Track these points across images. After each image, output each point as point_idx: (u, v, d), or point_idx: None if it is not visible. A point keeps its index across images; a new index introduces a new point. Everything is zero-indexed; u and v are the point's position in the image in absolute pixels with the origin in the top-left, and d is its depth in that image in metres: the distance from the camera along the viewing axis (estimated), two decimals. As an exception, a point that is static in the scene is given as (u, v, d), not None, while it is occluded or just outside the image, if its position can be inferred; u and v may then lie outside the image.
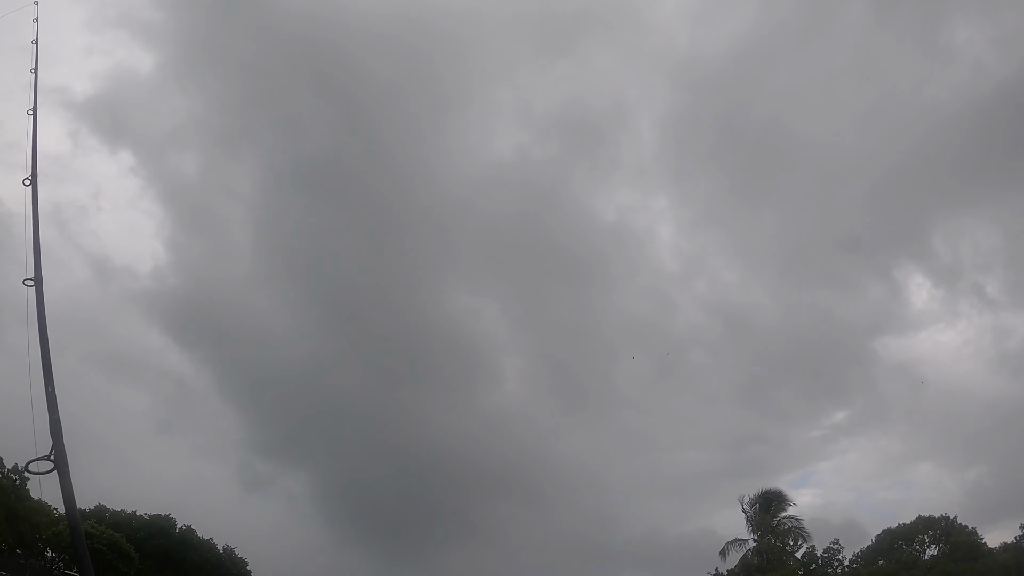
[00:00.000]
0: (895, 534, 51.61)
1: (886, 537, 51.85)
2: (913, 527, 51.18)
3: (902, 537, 51.06)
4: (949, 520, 49.99)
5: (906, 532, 51.17)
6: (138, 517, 62.15)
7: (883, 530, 52.85)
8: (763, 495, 51.34)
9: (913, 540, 50.81)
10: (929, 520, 50.74)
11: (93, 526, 51.97)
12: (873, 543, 52.43)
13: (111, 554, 49.28)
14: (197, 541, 62.83)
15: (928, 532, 50.55)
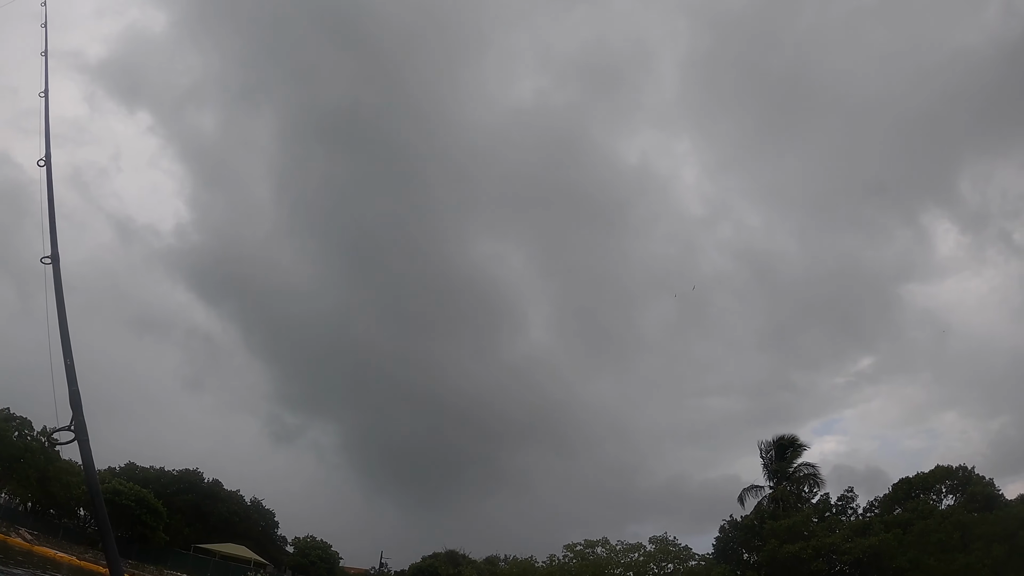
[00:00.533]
0: (912, 483, 51.21)
1: (903, 485, 51.52)
2: (931, 476, 50.70)
3: (920, 486, 50.66)
4: (967, 470, 49.45)
5: (924, 481, 50.76)
6: (167, 473, 64.43)
7: (900, 478, 52.54)
8: (778, 441, 51.18)
9: (931, 489, 50.45)
10: (947, 470, 50.20)
11: (122, 483, 54.10)
12: (890, 491, 52.20)
13: (139, 509, 51.36)
14: (224, 494, 65.14)
15: (946, 481, 50.09)
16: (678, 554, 40.06)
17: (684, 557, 40.18)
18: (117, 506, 49.55)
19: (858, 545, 37.21)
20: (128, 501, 50.04)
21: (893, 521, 46.72)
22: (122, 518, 50.37)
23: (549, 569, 41.24)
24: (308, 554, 70.75)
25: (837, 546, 37.34)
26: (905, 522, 45.14)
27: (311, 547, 71.58)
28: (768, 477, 50.37)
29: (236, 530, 62.04)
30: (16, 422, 50.00)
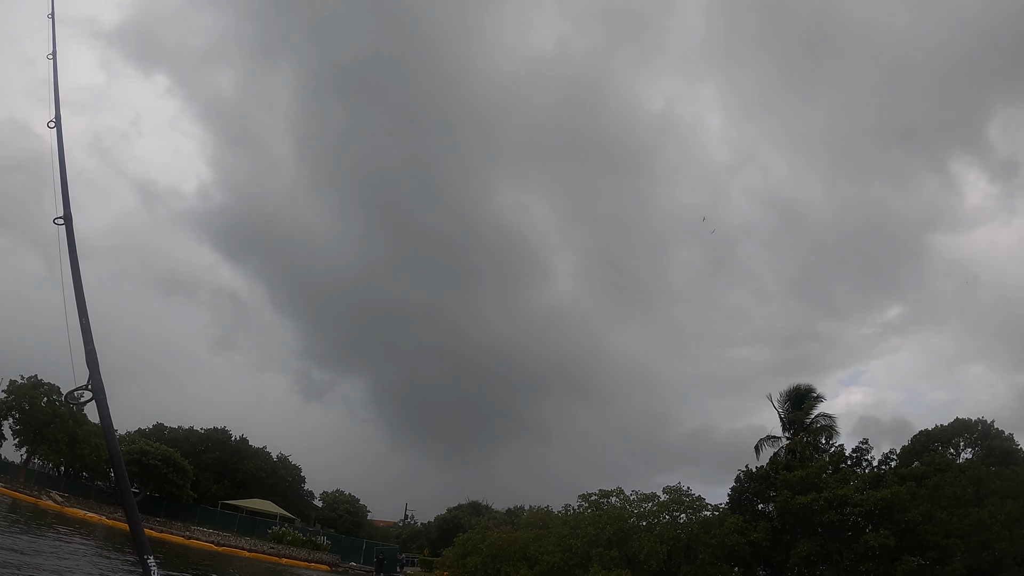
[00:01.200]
0: (932, 435, 51.10)
1: (921, 438, 51.42)
2: (950, 429, 50.56)
3: (939, 439, 50.53)
4: (987, 424, 49.19)
5: (943, 434, 50.60)
6: (195, 432, 66.13)
7: (919, 431, 52.40)
8: (794, 391, 51.03)
9: (949, 443, 50.28)
10: (966, 423, 50.00)
11: (148, 443, 55.65)
12: (908, 444, 52.10)
13: (166, 468, 52.87)
14: (251, 451, 66.77)
15: (964, 435, 49.89)
16: (691, 504, 40.45)
17: (697, 507, 40.60)
18: (144, 466, 51.19)
19: (870, 497, 37.22)
20: (155, 461, 51.54)
21: (908, 474, 46.72)
22: (149, 477, 52.07)
23: (564, 518, 41.97)
24: (336, 508, 72.66)
25: (849, 498, 37.38)
26: (921, 475, 45.15)
27: (339, 501, 73.46)
28: (784, 428, 50.45)
29: (263, 486, 63.74)
30: (44, 388, 51.51)
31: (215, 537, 47.44)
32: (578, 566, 37.64)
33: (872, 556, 35.57)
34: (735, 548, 38.54)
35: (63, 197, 4.32)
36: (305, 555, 48.23)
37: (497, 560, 39.54)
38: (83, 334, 3.69)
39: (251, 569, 36.67)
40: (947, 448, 50.12)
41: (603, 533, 37.93)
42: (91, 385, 3.47)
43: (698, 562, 37.17)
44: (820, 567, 37.68)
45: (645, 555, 36.43)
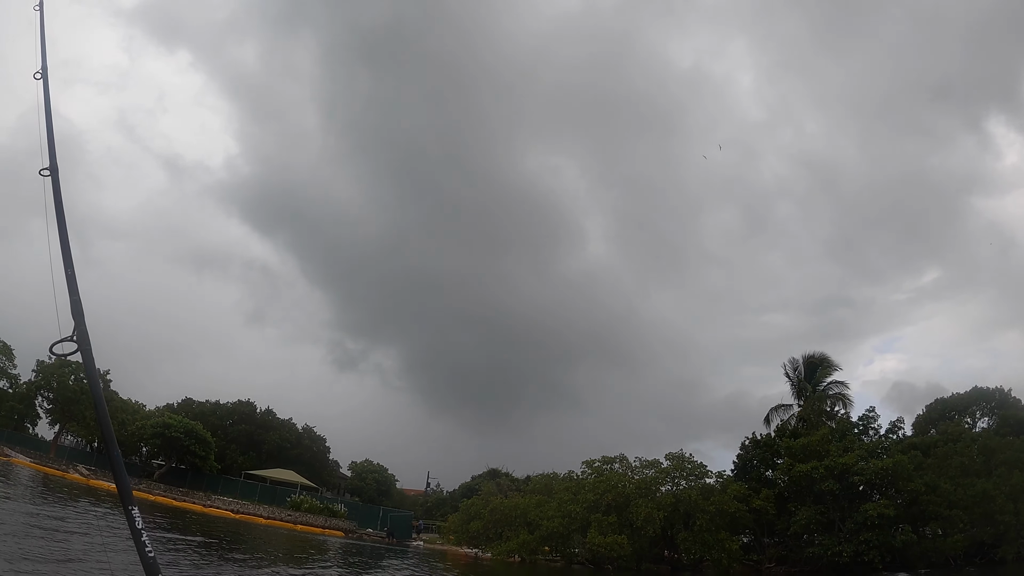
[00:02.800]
0: (948, 404, 50.62)
1: (937, 406, 50.94)
2: (967, 398, 50.00)
3: (955, 407, 50.02)
4: (1004, 392, 48.58)
5: (959, 403, 50.05)
6: (222, 406, 68.04)
7: (935, 399, 51.88)
8: (808, 359, 50.78)
9: (965, 411, 49.71)
10: (983, 392, 49.43)
11: (171, 417, 57.58)
12: (924, 412, 51.62)
13: (188, 440, 54.66)
14: (277, 423, 68.51)
15: (981, 404, 49.29)
16: (693, 471, 40.64)
17: (699, 474, 40.78)
18: (168, 439, 53.13)
19: (871, 466, 37.06)
20: (177, 433, 53.36)
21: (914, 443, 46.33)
22: (173, 449, 54.00)
23: (567, 484, 42.53)
24: (364, 477, 74.36)
25: (850, 466, 37.23)
26: (931, 444, 44.72)
27: (367, 471, 75.13)
28: (796, 396, 50.30)
29: (288, 456, 65.45)
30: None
31: (234, 505, 49.07)
32: (577, 531, 38.26)
33: (871, 526, 35.45)
34: (737, 515, 38.77)
35: (49, 149, 4.38)
36: (322, 522, 49.55)
37: (499, 525, 40.36)
38: (68, 284, 3.65)
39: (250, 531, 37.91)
40: (963, 417, 49.58)
41: (602, 499, 38.44)
42: (76, 336, 3.46)
43: (695, 528, 37.48)
44: (819, 536, 37.65)
45: (642, 521, 36.87)
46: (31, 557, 13.99)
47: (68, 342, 3.42)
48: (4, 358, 54.45)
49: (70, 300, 3.58)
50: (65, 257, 3.75)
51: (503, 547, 39.13)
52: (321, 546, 36.82)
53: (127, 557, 14.00)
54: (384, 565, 31.04)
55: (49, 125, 4.57)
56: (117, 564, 14.57)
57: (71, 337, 3.43)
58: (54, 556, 14.19)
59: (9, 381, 55.34)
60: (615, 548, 36.26)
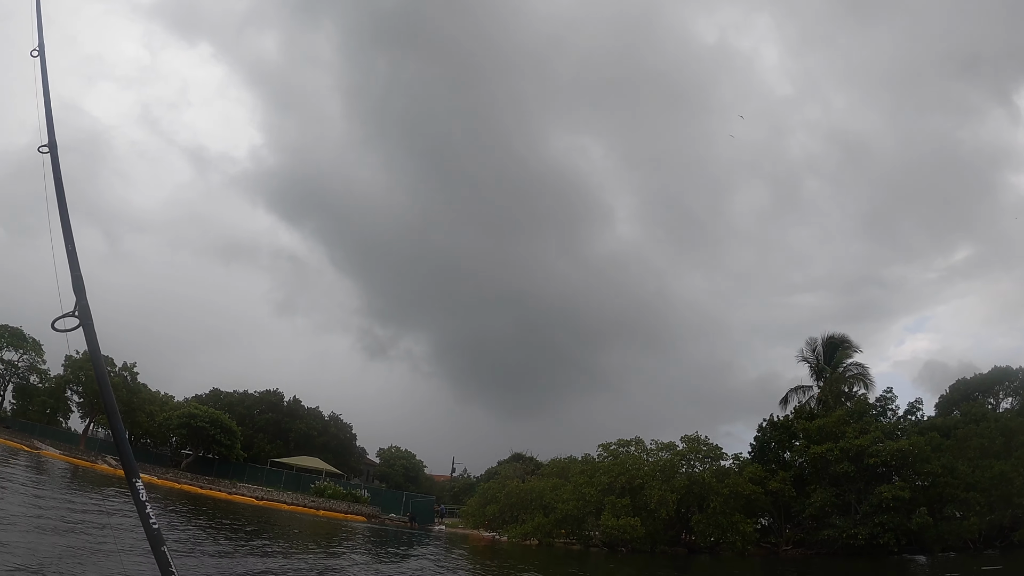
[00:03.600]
0: (970, 384, 50.05)
1: (960, 387, 50.39)
2: (989, 378, 49.45)
3: (978, 388, 49.44)
4: (1026, 372, 47.93)
5: (982, 383, 49.49)
6: (249, 395, 69.20)
7: (958, 379, 51.32)
8: (827, 340, 50.47)
9: (990, 392, 49.17)
10: (1006, 371, 48.81)
11: (197, 407, 58.83)
12: (947, 393, 51.10)
13: (214, 429, 55.79)
14: (303, 411, 69.51)
15: (1004, 384, 48.72)
16: (708, 453, 40.71)
17: (715, 456, 40.86)
18: (193, 428, 54.38)
19: (887, 448, 36.84)
20: (202, 423, 54.53)
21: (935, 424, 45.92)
22: (199, 439, 55.23)
23: (582, 467, 42.83)
24: (393, 464, 75.38)
25: (865, 448, 37.05)
26: (952, 426, 44.31)
27: (395, 457, 76.11)
28: (814, 377, 50.05)
29: (315, 444, 66.47)
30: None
31: (258, 492, 50.11)
32: (591, 514, 38.59)
33: (886, 508, 35.28)
34: (752, 498, 38.81)
35: (47, 125, 4.30)
36: (344, 507, 50.41)
37: (515, 509, 40.83)
38: (69, 259, 3.64)
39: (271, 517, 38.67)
40: (987, 398, 49.06)
41: (616, 482, 38.71)
42: (78, 311, 3.43)
43: (709, 511, 37.62)
44: (835, 518, 37.57)
45: (655, 503, 37.10)
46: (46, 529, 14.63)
47: (70, 317, 3.40)
48: (34, 354, 56.12)
49: (71, 276, 3.57)
50: (65, 232, 3.75)
51: (518, 530, 39.61)
52: (337, 530, 37.59)
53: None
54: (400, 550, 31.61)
55: (47, 102, 4.53)
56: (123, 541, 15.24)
57: (72, 312, 3.41)
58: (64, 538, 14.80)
59: (39, 376, 56.96)
60: (628, 530, 36.54)
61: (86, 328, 3.40)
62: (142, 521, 2.88)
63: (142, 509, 2.91)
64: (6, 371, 57.43)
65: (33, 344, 55.97)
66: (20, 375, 56.86)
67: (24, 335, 55.70)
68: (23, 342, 55.43)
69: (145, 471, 50.17)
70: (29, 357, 56.28)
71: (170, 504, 33.71)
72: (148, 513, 2.90)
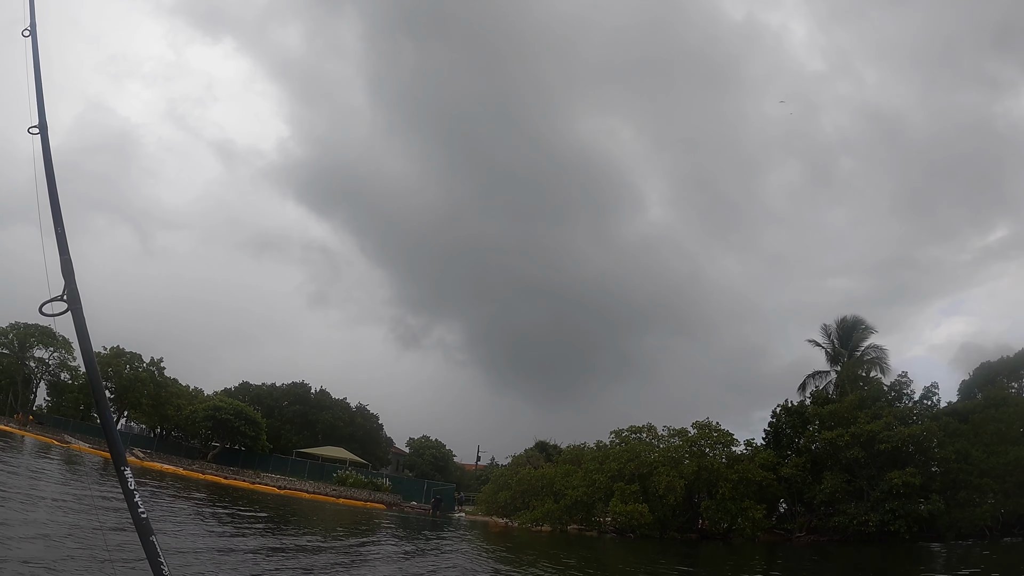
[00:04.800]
0: (994, 368, 49.04)
1: (983, 371, 49.43)
2: (1014, 361, 48.38)
3: (1002, 371, 48.47)
4: (1053, 355, 46.83)
5: (1007, 366, 48.49)
6: (277, 388, 70.48)
7: (981, 363, 50.35)
8: (842, 323, 49.94)
9: (1015, 375, 48.17)
10: (1030, 354, 47.71)
11: (222, 399, 60.27)
12: (970, 377, 50.18)
13: (238, 421, 57.06)
14: (330, 402, 70.50)
15: (1029, 366, 47.64)
16: (720, 439, 40.65)
17: (727, 443, 40.77)
18: (218, 421, 55.74)
19: (898, 433, 36.48)
20: (227, 415, 55.80)
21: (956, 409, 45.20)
22: (224, 430, 56.60)
23: (594, 454, 43.05)
24: (423, 453, 76.36)
25: (876, 434, 36.74)
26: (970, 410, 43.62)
27: (425, 447, 77.04)
28: (830, 361, 49.57)
29: (342, 434, 67.47)
30: (127, 357, 56.94)
31: (281, 482, 51.15)
32: (601, 500, 38.85)
33: (897, 495, 34.97)
34: (764, 484, 38.75)
35: (38, 107, 4.16)
36: (365, 496, 51.17)
37: (526, 495, 41.25)
38: (58, 243, 3.55)
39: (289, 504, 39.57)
40: (1011, 381, 48.09)
41: (625, 468, 38.89)
42: (66, 295, 3.34)
43: (718, 497, 37.67)
44: (845, 504, 37.34)
45: (663, 489, 37.23)
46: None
47: (58, 301, 3.28)
48: (64, 351, 57.95)
49: (60, 260, 3.46)
50: (55, 214, 3.66)
51: (528, 516, 40.05)
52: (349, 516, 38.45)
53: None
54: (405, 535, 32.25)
55: (39, 83, 4.33)
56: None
57: (61, 296, 3.29)
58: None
59: (70, 373, 58.80)
60: (636, 516, 36.74)
61: (75, 312, 3.28)
62: (130, 509, 2.81)
63: (130, 498, 2.84)
64: (37, 369, 59.47)
65: (63, 342, 57.67)
66: (51, 373, 58.77)
67: (54, 334, 57.34)
68: (53, 340, 57.15)
69: (172, 463, 51.76)
70: (60, 355, 58.14)
71: (189, 492, 34.85)
72: (136, 502, 2.82)
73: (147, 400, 56.25)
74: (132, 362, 56.48)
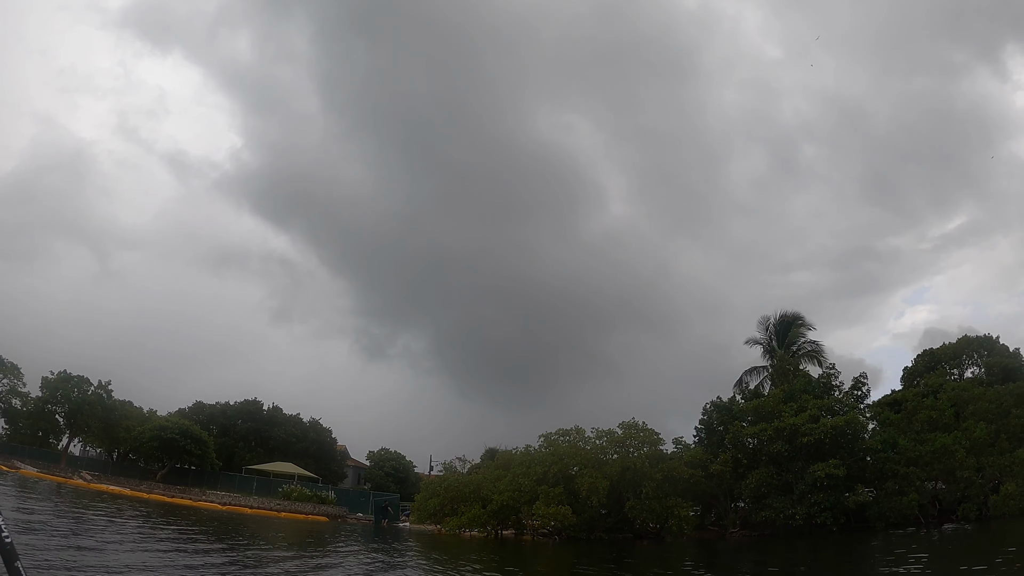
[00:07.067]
0: (936, 355, 48.87)
1: (925, 357, 49.24)
2: (956, 347, 48.24)
3: (943, 357, 48.31)
4: (992, 340, 46.70)
5: (948, 352, 48.34)
6: (230, 406, 70.00)
7: (924, 350, 50.14)
8: (781, 320, 49.79)
9: (955, 361, 48.02)
10: (972, 340, 47.59)
11: (167, 419, 60.01)
12: (912, 364, 49.95)
13: (184, 440, 56.73)
14: (282, 418, 70.06)
15: (971, 352, 47.51)
16: (646, 438, 40.25)
17: (653, 442, 40.37)
18: (164, 440, 55.53)
19: (821, 426, 36.19)
20: (172, 434, 55.60)
21: (894, 399, 45.07)
22: (171, 450, 56.35)
23: (523, 458, 42.72)
24: (383, 466, 76.07)
25: (799, 427, 36.46)
26: (904, 399, 43.48)
27: (385, 459, 76.78)
28: (767, 358, 49.35)
29: (295, 450, 67.12)
30: (74, 380, 56.73)
31: (226, 499, 50.96)
32: (526, 503, 38.52)
33: (821, 487, 34.70)
34: (692, 481, 38.44)
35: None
36: (309, 509, 50.87)
37: (455, 502, 40.94)
38: None
39: (224, 519, 38.98)
40: (952, 368, 47.97)
41: (550, 471, 38.65)
42: None
43: (643, 496, 37.35)
44: (770, 499, 37.06)
45: (587, 491, 36.95)
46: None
47: None
48: (13, 377, 57.71)
49: None
50: None
51: (455, 522, 39.78)
52: (281, 528, 38.22)
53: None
54: (320, 545, 31.99)
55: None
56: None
57: None
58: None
59: (21, 399, 58.53)
60: (560, 519, 36.47)
61: None
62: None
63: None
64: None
65: (11, 368, 57.55)
66: (2, 399, 58.52)
67: (2, 359, 57.34)
68: (1, 366, 57.02)
69: (121, 484, 51.46)
70: (9, 381, 57.86)
71: (124, 510, 34.54)
72: (0, 526, 2.44)
73: (96, 423, 56.02)
74: (80, 385, 56.26)
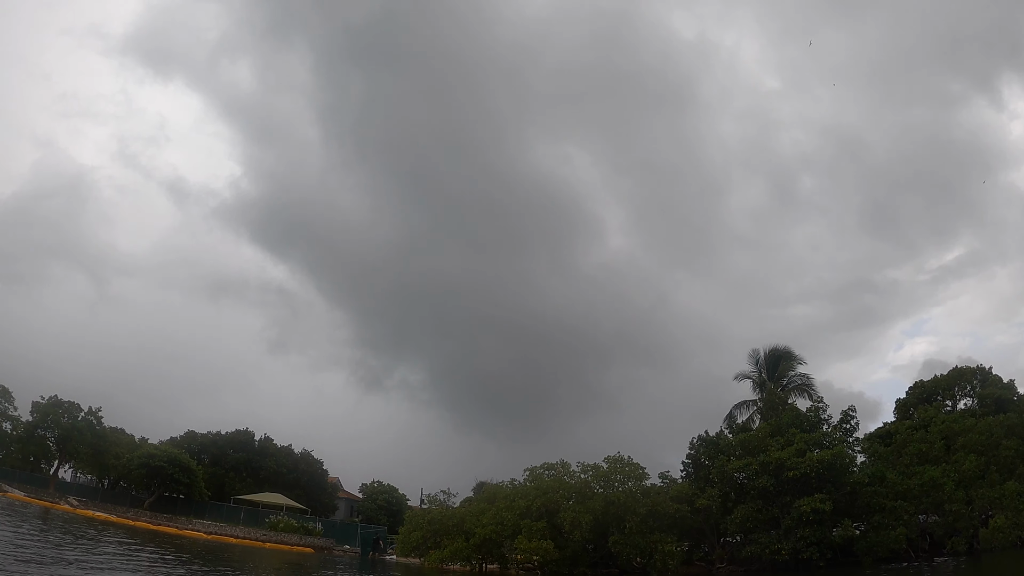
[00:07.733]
0: (928, 387, 48.34)
1: (917, 390, 48.70)
2: (948, 379, 47.71)
3: (935, 389, 47.78)
4: (985, 371, 46.16)
5: (941, 384, 47.80)
6: (222, 436, 69.78)
7: (915, 382, 49.61)
8: (771, 353, 49.40)
9: (949, 393, 47.48)
10: (963, 371, 47.07)
11: (155, 448, 59.89)
12: (905, 396, 49.42)
13: (171, 469, 56.37)
14: (274, 449, 69.64)
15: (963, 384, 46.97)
16: (631, 473, 39.77)
17: (638, 476, 39.88)
18: (152, 468, 55.23)
19: (807, 460, 35.72)
20: (160, 463, 55.31)
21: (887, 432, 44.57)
22: (159, 478, 56.00)
23: (508, 491, 42.29)
24: (376, 498, 75.37)
25: (785, 461, 36.00)
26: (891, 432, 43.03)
27: (378, 492, 76.11)
28: (757, 390, 48.94)
29: (285, 481, 66.65)
30: (65, 406, 56.62)
31: (212, 528, 50.49)
32: (509, 537, 38.03)
33: (807, 522, 34.20)
34: (678, 516, 37.96)
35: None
36: (295, 540, 50.23)
37: (437, 535, 40.45)
38: None
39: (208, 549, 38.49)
40: (945, 400, 47.43)
41: (533, 505, 38.18)
42: None
43: (627, 531, 36.83)
44: (756, 534, 36.53)
45: (569, 525, 36.48)
46: None
47: None
48: (4, 401, 57.69)
49: None
50: None
51: (436, 555, 39.32)
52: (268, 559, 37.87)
53: None
54: None
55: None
56: None
57: None
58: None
59: (11, 423, 58.47)
60: (542, 553, 35.98)
61: None
62: None
63: None
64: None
65: (2, 391, 57.57)
66: (-8, 423, 58.43)
67: (-8, 383, 57.37)
68: (-11, 391, 57.05)
69: (108, 511, 51.14)
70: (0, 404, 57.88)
71: (104, 536, 34.44)
72: None
73: (86, 449, 55.87)
74: (70, 411, 56.12)
